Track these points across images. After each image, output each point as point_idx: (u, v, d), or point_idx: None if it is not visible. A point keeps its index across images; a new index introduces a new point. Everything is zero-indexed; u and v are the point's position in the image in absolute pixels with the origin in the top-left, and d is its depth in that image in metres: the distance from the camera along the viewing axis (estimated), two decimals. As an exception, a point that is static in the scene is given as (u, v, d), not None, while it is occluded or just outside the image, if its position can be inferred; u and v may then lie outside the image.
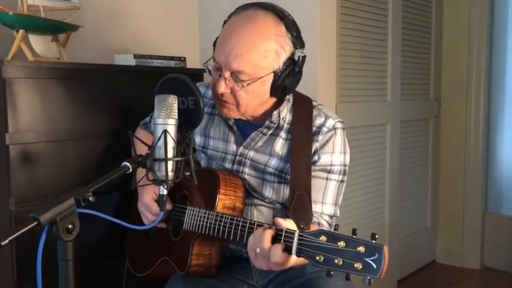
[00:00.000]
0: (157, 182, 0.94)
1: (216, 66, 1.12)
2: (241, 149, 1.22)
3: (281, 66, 1.10)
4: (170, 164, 0.93)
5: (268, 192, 1.20)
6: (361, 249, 0.84)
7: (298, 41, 1.12)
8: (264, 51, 1.07)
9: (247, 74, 1.08)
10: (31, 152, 1.33)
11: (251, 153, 1.21)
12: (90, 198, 0.80)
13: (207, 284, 1.18)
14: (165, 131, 0.92)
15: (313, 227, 1.10)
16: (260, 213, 1.21)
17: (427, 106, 2.79)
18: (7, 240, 0.71)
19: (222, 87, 1.10)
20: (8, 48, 1.41)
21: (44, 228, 0.75)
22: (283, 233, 0.94)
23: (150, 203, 1.22)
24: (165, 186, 0.93)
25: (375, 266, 0.82)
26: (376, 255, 0.83)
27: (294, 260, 0.94)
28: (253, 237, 0.98)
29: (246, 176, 1.21)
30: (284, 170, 1.18)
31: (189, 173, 0.97)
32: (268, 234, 0.95)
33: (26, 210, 1.29)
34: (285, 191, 1.19)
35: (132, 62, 1.62)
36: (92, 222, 0.87)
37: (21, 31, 1.39)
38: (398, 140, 2.51)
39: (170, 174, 0.93)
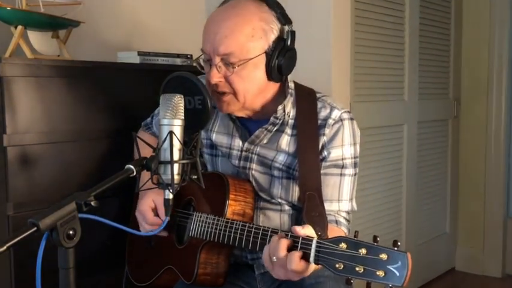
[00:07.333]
0: (163, 185, 0.91)
1: (206, 59, 1.13)
2: (247, 144, 1.20)
3: (271, 45, 1.10)
4: (176, 166, 0.91)
5: (276, 190, 1.18)
6: (384, 256, 0.83)
7: (283, 17, 1.12)
8: (249, 30, 1.08)
9: (236, 56, 1.07)
10: (30, 154, 1.30)
11: (257, 149, 1.20)
12: (92, 203, 0.79)
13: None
14: (170, 132, 0.90)
15: (331, 227, 1.12)
16: (266, 218, 1.20)
17: (446, 106, 2.77)
18: (5, 247, 0.71)
19: (215, 76, 1.09)
20: (5, 45, 1.38)
21: (43, 234, 0.75)
22: (300, 240, 0.93)
23: (146, 211, 1.20)
24: (171, 190, 0.91)
25: (397, 274, 0.82)
26: (399, 262, 0.82)
27: (313, 267, 0.92)
28: (269, 245, 0.97)
29: (253, 172, 1.20)
30: (292, 166, 1.16)
31: (196, 177, 0.95)
32: (284, 242, 0.93)
33: (25, 215, 1.27)
34: (294, 189, 1.17)
35: (136, 59, 1.60)
36: (91, 228, 0.84)
37: (19, 27, 1.37)
38: (416, 142, 2.50)
39: (176, 177, 0.91)
